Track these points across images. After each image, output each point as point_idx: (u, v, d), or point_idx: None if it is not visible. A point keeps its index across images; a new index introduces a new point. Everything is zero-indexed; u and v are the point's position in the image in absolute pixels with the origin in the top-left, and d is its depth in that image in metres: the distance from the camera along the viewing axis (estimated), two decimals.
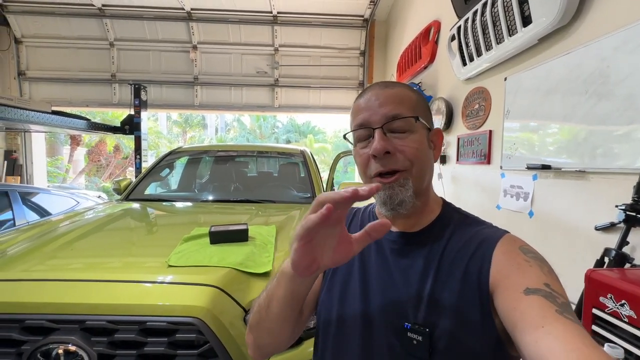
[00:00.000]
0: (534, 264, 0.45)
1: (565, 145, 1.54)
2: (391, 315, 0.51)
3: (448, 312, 0.47)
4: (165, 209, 1.96)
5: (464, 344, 0.46)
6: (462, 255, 0.50)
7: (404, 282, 0.52)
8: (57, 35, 5.07)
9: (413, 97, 0.55)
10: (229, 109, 5.54)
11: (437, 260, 0.51)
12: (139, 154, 3.89)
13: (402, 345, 0.49)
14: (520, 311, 0.40)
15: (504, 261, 0.46)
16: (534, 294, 0.40)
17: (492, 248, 0.48)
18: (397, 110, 0.52)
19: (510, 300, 0.42)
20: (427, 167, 0.54)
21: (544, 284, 0.42)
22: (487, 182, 2.24)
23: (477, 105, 2.35)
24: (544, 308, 0.38)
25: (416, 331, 0.48)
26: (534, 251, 0.48)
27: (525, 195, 1.81)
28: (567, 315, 0.38)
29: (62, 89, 5.18)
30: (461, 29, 2.35)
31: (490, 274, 0.46)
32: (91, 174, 11.78)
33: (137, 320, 0.90)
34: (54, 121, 2.77)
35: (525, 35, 1.73)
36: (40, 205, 3.23)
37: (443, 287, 0.49)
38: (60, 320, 0.90)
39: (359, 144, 0.56)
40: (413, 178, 0.52)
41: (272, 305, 0.52)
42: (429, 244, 0.53)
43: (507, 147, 1.98)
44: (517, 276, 0.44)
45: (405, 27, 4.17)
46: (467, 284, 0.47)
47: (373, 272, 0.56)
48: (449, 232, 0.53)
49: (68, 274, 1.02)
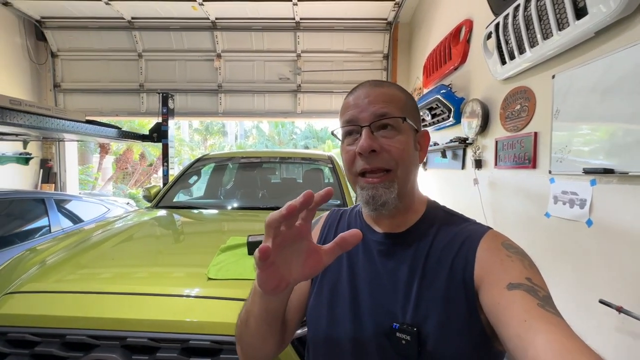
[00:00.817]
0: (515, 259, 0.46)
1: (632, 147, 1.39)
2: (380, 316, 0.52)
3: (435, 310, 0.48)
4: (196, 216, 1.93)
5: (452, 341, 0.47)
6: (447, 253, 0.51)
7: (392, 283, 0.53)
8: (89, 48, 5.30)
9: (402, 98, 0.56)
10: (252, 116, 5.57)
11: (423, 260, 0.52)
12: (167, 161, 3.95)
13: (392, 346, 0.49)
14: (503, 306, 0.41)
15: (487, 257, 0.47)
16: (517, 288, 0.41)
17: (475, 245, 0.49)
18: (385, 109, 0.52)
19: (494, 296, 0.43)
20: (411, 167, 0.55)
21: (525, 278, 0.43)
22: (532, 187, 2.08)
23: (519, 106, 2.20)
24: (526, 302, 0.39)
25: (404, 331, 0.48)
26: (515, 246, 0.49)
27: (582, 202, 1.65)
28: (548, 308, 0.39)
29: (94, 99, 5.39)
30: (499, 25, 2.22)
31: (474, 271, 0.47)
32: (118, 181, 12.21)
33: (180, 339, 0.85)
34: (87, 130, 2.84)
35: (578, 29, 1.59)
36: (74, 212, 3.31)
37: (429, 286, 0.50)
38: (102, 337, 0.85)
39: (346, 140, 0.56)
40: (398, 179, 0.53)
41: (250, 321, 0.52)
42: (415, 244, 0.54)
43: (557, 150, 1.83)
44: (499, 272, 0.44)
45: (432, 28, 4.06)
46: (453, 282, 0.48)
47: (361, 275, 0.56)
48: (434, 230, 0.54)
49: (108, 286, 0.98)
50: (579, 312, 1.66)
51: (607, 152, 1.52)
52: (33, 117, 2.35)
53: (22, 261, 1.23)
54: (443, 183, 3.69)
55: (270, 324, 0.51)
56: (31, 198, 2.83)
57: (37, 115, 2.38)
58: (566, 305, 1.75)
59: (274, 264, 0.40)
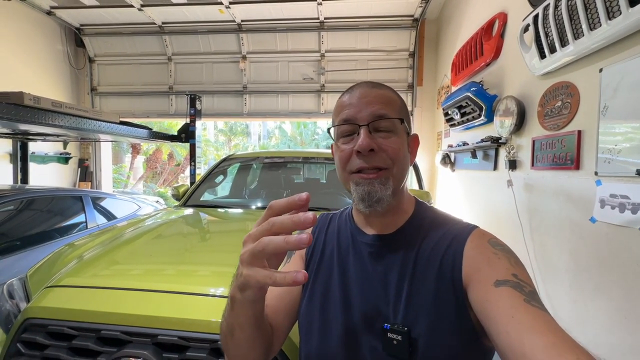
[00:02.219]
0: (502, 256, 0.47)
1: None
2: (372, 318, 0.52)
3: (425, 310, 0.49)
4: (223, 215, 1.96)
5: (442, 340, 0.47)
6: (436, 253, 0.51)
7: (383, 284, 0.53)
8: (123, 53, 5.56)
9: (398, 101, 0.57)
10: (276, 116, 5.62)
11: (412, 261, 0.52)
12: (194, 161, 4.06)
13: (384, 347, 0.49)
14: (491, 303, 0.42)
15: (474, 256, 0.48)
16: (503, 285, 0.42)
17: (462, 244, 0.50)
18: (384, 110, 0.54)
19: (482, 293, 0.44)
20: (405, 168, 0.56)
21: (512, 274, 0.44)
22: (574, 190, 1.93)
23: (560, 103, 2.06)
24: (513, 298, 0.40)
25: (396, 331, 0.49)
26: (501, 244, 0.50)
27: (635, 207, 1.51)
28: (534, 303, 0.40)
29: (127, 102, 5.65)
30: (539, 17, 2.09)
31: (462, 269, 0.48)
32: (148, 180, 12.75)
33: (209, 339, 0.84)
34: (121, 131, 2.97)
35: (632, 17, 1.45)
36: (108, 209, 3.47)
37: (420, 286, 0.50)
38: (134, 333, 0.86)
39: (341, 139, 0.56)
40: (393, 177, 0.53)
41: (236, 333, 0.49)
42: (404, 245, 0.55)
43: (604, 150, 1.69)
44: (487, 269, 0.45)
45: (462, 24, 3.91)
46: (442, 281, 0.49)
47: (352, 277, 0.57)
48: (423, 231, 0.55)
49: (142, 283, 1.00)
50: (630, 325, 1.51)
51: None
52: (72, 119, 2.48)
53: (61, 256, 1.28)
54: (473, 185, 3.53)
55: (259, 327, 0.50)
56: (70, 195, 2.99)
57: (76, 116, 2.51)
58: (614, 318, 1.60)
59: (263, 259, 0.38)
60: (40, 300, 0.96)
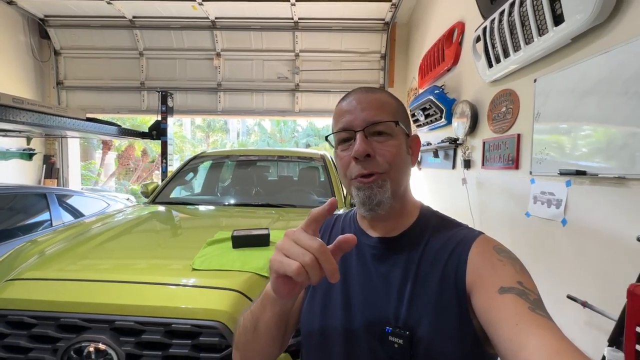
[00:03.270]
0: (507, 262, 0.47)
1: (603, 149, 1.45)
2: (373, 320, 0.52)
3: (427, 314, 0.48)
4: (190, 212, 2.02)
5: (444, 344, 0.47)
6: (440, 258, 0.51)
7: (385, 287, 0.53)
8: (91, 46, 5.39)
9: (393, 103, 0.57)
10: (251, 114, 5.65)
11: (415, 264, 0.52)
12: (165, 159, 4.04)
13: (384, 350, 0.50)
14: (495, 310, 0.41)
15: (479, 262, 0.48)
16: (508, 292, 0.42)
17: (467, 250, 0.50)
18: (378, 115, 0.54)
19: (486, 300, 0.43)
20: (404, 170, 0.56)
21: (517, 282, 0.43)
22: (515, 187, 2.14)
23: (504, 108, 2.26)
24: (517, 306, 0.40)
25: (397, 335, 0.49)
26: (507, 250, 0.50)
27: (558, 202, 1.72)
28: (539, 312, 0.40)
29: (96, 97, 5.49)
30: (487, 29, 2.28)
31: (466, 275, 0.48)
32: (121, 177, 12.35)
33: (163, 322, 0.93)
34: (88, 127, 2.93)
35: (557, 35, 1.65)
36: (75, 207, 3.41)
37: (422, 291, 0.50)
38: (92, 320, 0.93)
39: (340, 146, 0.57)
40: (391, 180, 0.54)
41: (259, 327, 0.52)
42: (408, 248, 0.54)
43: (537, 152, 1.89)
44: (491, 276, 0.45)
45: (428, 29, 4.11)
46: (445, 286, 0.49)
47: (354, 279, 0.57)
48: (427, 235, 0.55)
49: (100, 275, 1.07)
50: (551, 307, 1.72)
51: (580, 155, 1.58)
52: (35, 115, 2.44)
53: (22, 252, 1.31)
54: (435, 182, 3.75)
55: (279, 327, 0.53)
56: (33, 193, 2.93)
57: (39, 113, 2.47)
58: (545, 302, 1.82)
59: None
60: (0, 293, 1.01)
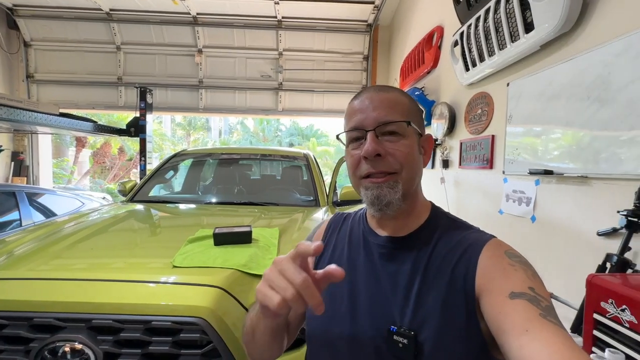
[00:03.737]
0: (518, 267, 0.46)
1: (568, 150, 1.55)
2: (378, 319, 0.52)
3: (433, 315, 0.48)
4: (170, 210, 1.98)
5: (449, 347, 0.47)
6: (449, 259, 0.50)
7: (392, 286, 0.53)
8: (64, 38, 5.16)
9: (406, 103, 0.56)
10: (233, 112, 5.58)
11: (424, 265, 0.52)
12: (144, 156, 3.93)
13: (389, 348, 0.49)
14: (505, 315, 0.41)
15: (489, 266, 0.47)
16: (519, 297, 0.41)
17: (478, 253, 0.49)
18: (390, 115, 0.53)
19: (496, 305, 0.43)
20: (416, 171, 0.55)
21: (528, 287, 0.42)
22: (489, 186, 2.24)
23: (480, 110, 2.36)
24: (528, 312, 0.39)
25: (402, 334, 0.48)
26: (518, 255, 0.48)
27: (528, 200, 1.82)
28: (550, 319, 0.39)
29: (69, 92, 5.26)
30: (464, 34, 2.37)
31: (475, 279, 0.47)
32: (96, 175, 11.88)
33: (143, 320, 0.92)
34: (61, 123, 2.81)
35: (527, 42, 1.74)
36: (46, 206, 3.27)
37: (429, 291, 0.50)
38: (68, 319, 0.91)
39: (350, 145, 0.57)
40: (402, 181, 0.53)
41: (257, 334, 0.53)
42: (417, 249, 0.54)
43: (509, 152, 1.99)
44: (502, 280, 0.44)
45: (409, 32, 4.20)
46: (453, 288, 0.48)
47: (361, 277, 0.56)
48: (437, 236, 0.54)
49: (75, 274, 1.04)
50: None
51: (548, 155, 1.68)
52: (3, 109, 2.32)
53: None
54: None
55: (275, 336, 0.53)
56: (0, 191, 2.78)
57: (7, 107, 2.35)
58: None
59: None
60: None
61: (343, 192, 2.29)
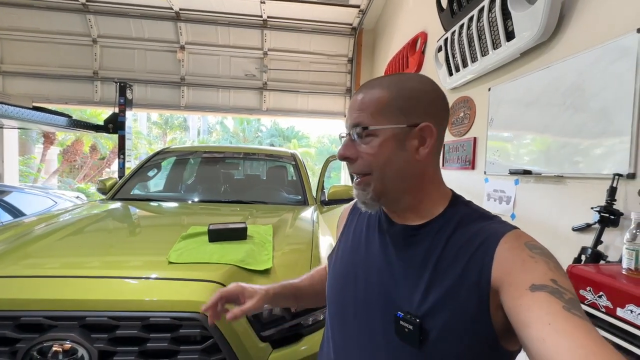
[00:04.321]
0: (539, 259, 0.44)
1: (546, 152, 1.65)
2: (387, 304, 0.53)
3: (442, 305, 0.48)
4: (156, 208, 1.93)
5: (455, 337, 0.47)
6: (464, 251, 0.49)
7: (403, 273, 0.53)
8: (36, 29, 4.88)
9: (383, 99, 0.53)
10: (216, 111, 5.49)
11: (437, 254, 0.51)
12: (123, 154, 3.79)
13: (396, 332, 0.51)
14: (525, 308, 0.40)
15: (508, 257, 0.45)
16: (540, 290, 0.40)
17: (495, 245, 0.47)
18: (359, 119, 0.54)
19: (516, 298, 0.42)
20: (390, 168, 0.53)
21: (550, 279, 0.41)
22: (471, 186, 2.34)
23: (462, 114, 2.46)
24: (550, 304, 0.38)
25: (407, 320, 0.49)
26: (540, 246, 0.47)
27: (508, 199, 1.92)
28: (574, 311, 0.38)
29: (40, 85, 4.98)
30: (448, 40, 2.47)
31: (492, 271, 0.46)
32: (64, 174, 11.25)
33: (140, 316, 0.90)
34: (34, 117, 2.66)
35: (508, 49, 1.85)
36: (14, 205, 3.08)
37: (440, 281, 0.49)
38: (59, 317, 0.88)
39: None
40: (374, 182, 0.54)
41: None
42: (431, 237, 0.53)
43: (490, 154, 2.09)
44: (521, 272, 0.43)
45: (393, 37, 4.31)
46: (466, 279, 0.47)
47: (374, 262, 0.57)
48: (453, 225, 0.53)
49: (66, 271, 1.00)
50: None
51: (527, 157, 1.78)
52: None
53: None
54: None
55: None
56: None
57: None
58: None
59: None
60: None
61: (331, 192, 2.32)
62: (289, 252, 1.33)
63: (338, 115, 5.57)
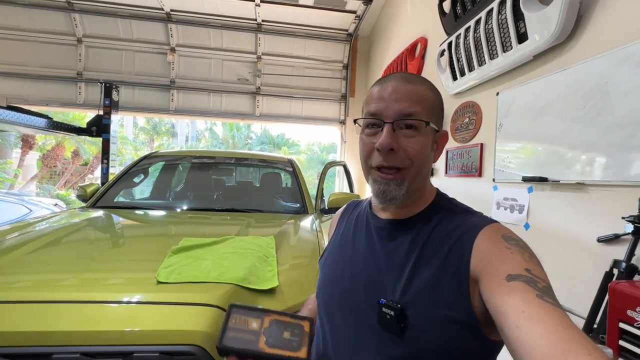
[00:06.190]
0: (515, 250, 0.46)
1: (563, 158, 1.57)
2: (371, 292, 0.55)
3: (424, 293, 0.50)
4: (143, 218, 1.75)
5: (436, 325, 0.48)
6: (446, 242, 0.52)
7: (388, 264, 0.55)
8: (15, 26, 4.64)
9: (430, 97, 0.55)
10: (207, 116, 5.31)
11: (421, 245, 0.53)
12: (107, 159, 3.56)
13: (379, 320, 0.52)
14: (502, 297, 0.41)
15: (485, 249, 0.47)
16: (515, 280, 0.42)
17: (474, 235, 0.49)
18: (411, 109, 0.53)
19: (493, 288, 0.43)
20: (425, 167, 0.56)
21: (525, 269, 0.43)
22: (478, 194, 2.25)
23: (467, 119, 2.39)
24: (525, 293, 0.40)
25: (389, 307, 0.51)
26: (516, 238, 0.49)
27: (520, 207, 1.83)
28: (547, 299, 0.39)
29: (18, 85, 4.70)
30: (452, 44, 2.41)
31: (471, 261, 0.48)
32: (44, 180, 10.75)
33: (122, 351, 0.73)
34: (8, 117, 2.44)
35: (520, 52, 1.78)
36: None
37: (423, 270, 0.51)
38: (18, 355, 0.70)
39: (366, 131, 0.57)
40: (410, 177, 0.54)
41: None
42: (416, 230, 0.56)
43: (500, 160, 2.01)
44: (498, 263, 0.45)
45: (390, 43, 4.27)
46: (447, 270, 0.49)
47: (360, 255, 0.60)
48: (437, 219, 0.55)
49: (26, 294, 0.82)
50: None
51: (541, 163, 1.70)
52: None
53: None
54: None
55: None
56: None
57: None
58: None
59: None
60: None
61: (331, 199, 2.18)
62: (294, 267, 1.18)
63: (332, 122, 5.47)
